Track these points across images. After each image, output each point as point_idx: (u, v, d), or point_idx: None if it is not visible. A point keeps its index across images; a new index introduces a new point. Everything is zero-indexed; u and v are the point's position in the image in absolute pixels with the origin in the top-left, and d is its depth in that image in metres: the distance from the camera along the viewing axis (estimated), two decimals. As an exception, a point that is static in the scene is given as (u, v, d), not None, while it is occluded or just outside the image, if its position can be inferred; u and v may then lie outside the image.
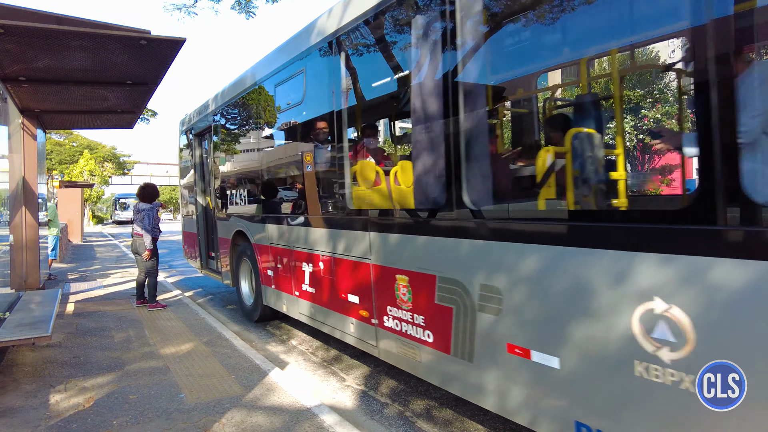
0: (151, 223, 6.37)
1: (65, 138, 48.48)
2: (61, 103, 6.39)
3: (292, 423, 3.04)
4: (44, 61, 4.43)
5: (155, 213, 6.47)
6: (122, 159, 53.60)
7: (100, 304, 6.82)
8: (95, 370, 4.07)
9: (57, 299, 5.12)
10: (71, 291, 7.82)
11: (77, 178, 41.74)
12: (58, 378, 3.88)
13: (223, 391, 3.56)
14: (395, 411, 3.41)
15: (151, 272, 6.46)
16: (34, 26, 3.44)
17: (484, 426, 3.15)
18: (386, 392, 3.75)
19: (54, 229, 9.74)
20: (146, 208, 6.39)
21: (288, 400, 3.40)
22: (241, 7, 9.60)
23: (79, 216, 20.73)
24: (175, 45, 4.03)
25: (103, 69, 4.81)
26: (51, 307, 4.67)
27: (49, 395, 3.53)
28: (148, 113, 23.59)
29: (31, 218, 6.30)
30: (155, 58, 4.44)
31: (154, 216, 6.43)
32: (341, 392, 3.78)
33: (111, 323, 5.67)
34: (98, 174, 46.82)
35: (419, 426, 3.18)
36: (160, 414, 3.19)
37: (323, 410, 3.21)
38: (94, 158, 47.70)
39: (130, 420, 3.10)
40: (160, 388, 3.65)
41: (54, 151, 45.94)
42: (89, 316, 6.06)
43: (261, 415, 3.17)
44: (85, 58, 4.41)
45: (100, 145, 51.05)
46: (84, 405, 3.35)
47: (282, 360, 4.58)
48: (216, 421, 3.08)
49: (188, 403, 3.37)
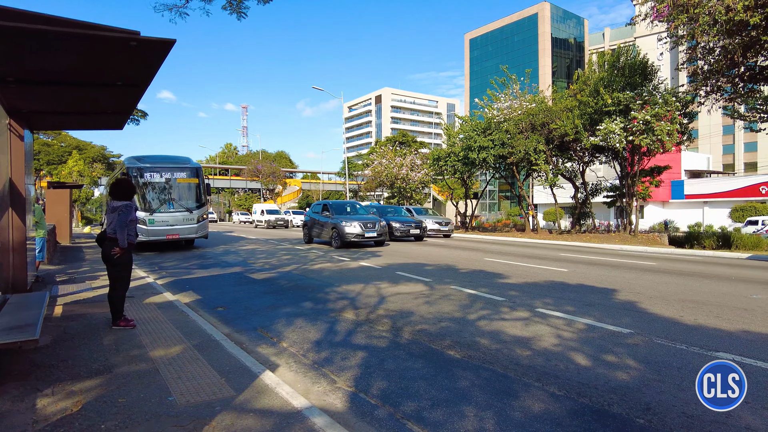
0: (124, 223, 5.37)
1: (53, 138, 47.95)
2: (50, 104, 6.33)
3: (282, 425, 3.04)
4: (32, 62, 4.39)
5: (132, 212, 5.48)
6: (112, 160, 53.05)
7: (88, 306, 6.75)
8: (83, 373, 4.04)
9: (44, 302, 5.07)
10: (59, 293, 7.74)
11: (66, 178, 41.32)
12: (45, 382, 3.84)
13: (213, 394, 3.55)
14: (386, 413, 3.42)
15: (119, 283, 5.50)
16: (22, 27, 3.41)
17: (475, 427, 3.17)
18: (377, 394, 3.75)
19: (40, 230, 9.64)
20: (121, 206, 5.41)
21: (278, 402, 3.39)
22: (233, 6, 9.55)
23: (68, 217, 20.49)
24: (165, 46, 4.01)
25: (92, 70, 4.78)
26: (38, 309, 4.62)
27: (36, 399, 3.49)
28: (138, 114, 23.39)
29: (18, 220, 6.23)
30: (145, 59, 4.42)
31: (130, 216, 5.44)
32: (332, 394, 3.78)
33: (100, 326, 5.62)
34: (87, 175, 46.39)
35: (410, 427, 3.18)
36: (149, 417, 3.17)
37: (314, 412, 3.21)
38: (83, 159, 47.25)
39: (119, 424, 3.08)
40: (149, 391, 3.63)
41: (42, 151, 45.48)
42: (77, 318, 6.00)
43: (251, 417, 3.16)
44: (74, 59, 4.38)
45: (89, 146, 50.59)
46: (72, 409, 3.32)
47: (273, 362, 4.56)
48: (206, 424, 3.07)
49: (178, 406, 3.35)
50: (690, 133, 21.22)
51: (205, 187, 16.67)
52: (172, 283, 9.30)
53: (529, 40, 77.97)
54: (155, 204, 15.42)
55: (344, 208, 18.42)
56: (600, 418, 3.26)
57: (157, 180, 15.63)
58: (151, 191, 15.57)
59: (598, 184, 25.30)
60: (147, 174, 15.55)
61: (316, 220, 18.40)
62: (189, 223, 15.93)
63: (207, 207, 17.04)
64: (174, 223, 15.60)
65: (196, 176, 16.48)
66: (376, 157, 43.98)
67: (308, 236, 19.08)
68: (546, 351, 4.74)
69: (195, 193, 16.41)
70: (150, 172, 15.61)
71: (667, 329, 5.50)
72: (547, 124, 22.50)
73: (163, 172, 15.80)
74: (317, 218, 18.36)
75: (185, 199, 16.10)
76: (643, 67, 20.24)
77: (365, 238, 16.40)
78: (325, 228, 17.49)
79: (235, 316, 6.50)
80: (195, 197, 16.37)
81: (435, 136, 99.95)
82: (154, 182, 15.57)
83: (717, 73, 15.66)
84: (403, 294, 7.83)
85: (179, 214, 15.72)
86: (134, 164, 15.63)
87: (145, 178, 15.51)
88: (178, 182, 16.00)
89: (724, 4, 12.76)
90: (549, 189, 25.05)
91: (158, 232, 15.34)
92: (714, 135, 60.70)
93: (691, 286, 8.50)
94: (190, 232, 16.09)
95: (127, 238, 5.37)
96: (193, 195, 16.35)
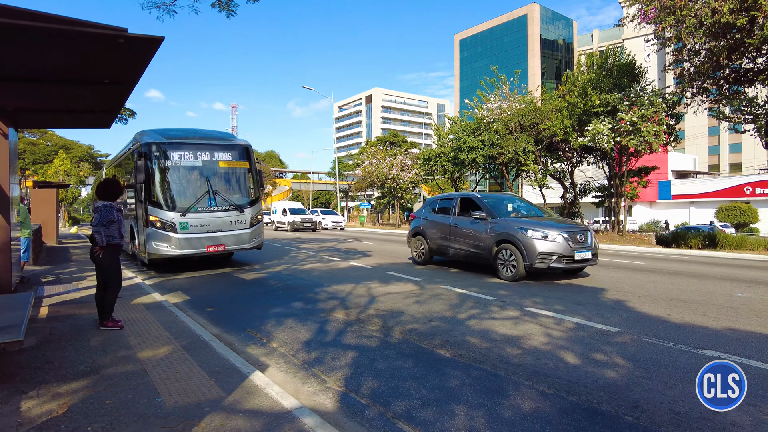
0: (100, 222, 5.26)
1: (39, 137, 47.30)
2: (36, 102, 6.24)
3: (272, 425, 3.02)
4: (17, 59, 4.31)
5: (112, 213, 5.38)
6: (99, 159, 52.46)
7: (75, 307, 6.66)
8: (70, 375, 3.98)
9: (30, 303, 4.99)
10: (45, 294, 7.62)
11: (52, 178, 40.78)
12: (30, 384, 3.78)
13: (202, 395, 3.52)
14: (376, 412, 3.41)
15: (110, 285, 5.45)
16: (6, 22, 3.35)
17: (466, 426, 3.17)
18: (367, 393, 3.75)
19: (25, 230, 9.49)
20: (101, 206, 5.36)
21: (268, 402, 3.37)
22: (222, 4, 9.48)
23: (54, 217, 20.22)
24: (153, 44, 3.96)
25: (78, 67, 4.71)
26: (23, 310, 4.55)
27: (20, 402, 3.43)
28: (126, 113, 23.16)
29: (2, 220, 6.13)
30: (133, 57, 4.37)
31: (109, 217, 5.32)
32: (322, 394, 3.77)
33: (87, 327, 5.54)
34: (74, 174, 45.83)
35: (400, 427, 3.18)
36: (137, 419, 3.13)
37: (304, 412, 3.20)
38: (70, 158, 46.68)
39: (106, 426, 3.04)
40: (137, 392, 3.59)
41: (27, 150, 44.83)
42: (64, 319, 5.92)
43: (241, 418, 3.14)
44: (60, 56, 4.31)
45: (76, 145, 50.01)
46: (57, 411, 3.27)
47: (262, 362, 4.54)
48: (195, 425, 3.04)
49: (166, 407, 3.31)
50: (677, 134, 21.48)
51: (257, 175, 11.45)
52: (160, 284, 9.21)
53: (518, 41, 78.42)
54: (187, 200, 10.23)
55: (504, 205, 10.69)
56: (589, 416, 3.28)
57: (190, 163, 10.41)
58: (179, 180, 10.37)
59: (586, 185, 25.51)
60: (173, 154, 10.26)
61: (448, 225, 10.85)
62: (239, 228, 10.72)
63: (261, 204, 11.82)
64: (217, 227, 10.40)
65: (246, 158, 11.27)
66: (366, 157, 43.94)
67: (425, 251, 11.60)
68: (536, 350, 4.77)
69: (245, 184, 11.21)
70: (178, 151, 10.34)
71: (655, 327, 5.56)
72: (536, 124, 22.63)
73: (199, 151, 10.58)
74: (448, 222, 10.87)
75: (232, 192, 10.93)
76: (631, 69, 20.45)
77: (576, 261, 8.94)
78: (476, 239, 9.97)
79: (227, 316, 6.45)
80: (246, 189, 11.18)
81: (425, 136, 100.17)
82: (184, 166, 10.35)
83: (703, 75, 15.88)
84: (394, 293, 7.83)
85: (225, 215, 10.56)
86: (154, 140, 10.26)
87: (171, 159, 10.25)
88: (220, 167, 10.81)
89: (710, 7, 12.95)
90: (538, 189, 25.21)
91: (195, 242, 10.12)
92: (700, 136, 61.55)
93: (678, 285, 8.61)
94: (240, 241, 10.77)
95: (109, 238, 5.36)
96: (242, 186, 11.14)
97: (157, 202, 10.02)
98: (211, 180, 10.56)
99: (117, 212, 5.48)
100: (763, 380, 3.93)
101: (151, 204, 10.00)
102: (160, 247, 9.92)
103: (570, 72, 23.57)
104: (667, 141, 20.33)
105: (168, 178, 10.26)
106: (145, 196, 10.03)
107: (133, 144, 11.17)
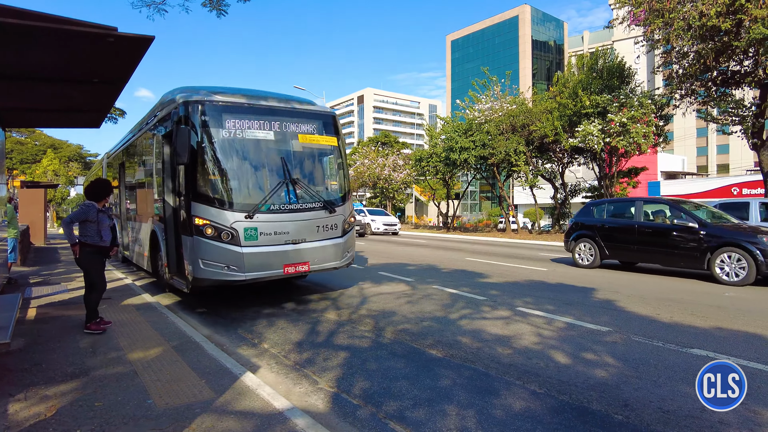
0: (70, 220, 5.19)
1: (27, 136, 46.73)
2: (24, 101, 6.17)
3: (263, 427, 3.01)
4: (4, 57, 4.26)
5: (90, 213, 5.20)
6: (89, 159, 51.92)
7: (64, 308, 6.59)
8: (58, 377, 3.94)
9: (17, 304, 4.94)
10: (33, 295, 7.53)
11: (40, 178, 40.30)
12: (17, 386, 3.73)
13: (193, 396, 3.50)
14: (368, 412, 3.42)
15: (92, 286, 5.35)
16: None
17: (457, 426, 3.19)
18: (359, 394, 3.75)
19: (12, 230, 9.37)
20: (82, 204, 5.27)
21: (259, 403, 3.36)
22: (213, 3, 9.44)
23: (42, 217, 19.99)
24: (143, 43, 3.94)
25: (68, 66, 4.67)
26: (10, 312, 4.49)
27: (8, 405, 3.39)
28: (116, 112, 22.93)
29: (-10, 220, 6.05)
30: (123, 56, 4.34)
31: (85, 215, 5.17)
32: (314, 395, 3.76)
33: (76, 328, 5.48)
34: (63, 174, 45.31)
35: (392, 427, 3.19)
36: (127, 421, 3.11)
37: (295, 413, 3.19)
38: (59, 158, 46.15)
39: (95, 428, 3.01)
40: (127, 394, 3.56)
41: (15, 149, 44.24)
42: (52, 321, 5.85)
43: (232, 419, 3.13)
44: (49, 54, 4.27)
45: (65, 144, 49.46)
46: (46, 414, 3.23)
47: (254, 363, 4.52)
48: (186, 426, 3.02)
49: (157, 408, 3.29)
50: (666, 135, 21.71)
51: (345, 157, 8.00)
52: (150, 285, 9.14)
53: (509, 42, 78.80)
54: (256, 193, 6.59)
55: None
56: (580, 415, 3.31)
57: (259, 135, 6.73)
58: (242, 163, 6.67)
59: (577, 185, 25.72)
60: (230, 122, 6.51)
61: None
62: (329, 236, 7.12)
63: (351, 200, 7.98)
64: (299, 236, 6.73)
65: (335, 132, 7.63)
66: (358, 157, 43.95)
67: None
68: (527, 349, 4.80)
69: (335, 170, 7.73)
70: (239, 118, 6.60)
71: (645, 327, 5.62)
72: (527, 125, 22.77)
73: (269, 118, 6.88)
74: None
75: (317, 182, 7.39)
76: (621, 70, 20.65)
77: None
78: None
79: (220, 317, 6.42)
80: (337, 179, 7.73)
81: (417, 136, 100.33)
82: (250, 140, 6.64)
83: (691, 77, 16.09)
84: (386, 294, 7.84)
85: (309, 217, 6.89)
86: (204, 98, 6.45)
87: (227, 129, 6.48)
88: (300, 143, 7.17)
89: (697, 10, 13.12)
90: (529, 190, 25.37)
91: (267, 260, 6.44)
92: (689, 137, 62.22)
93: (667, 285, 8.70)
94: (331, 257, 7.18)
95: (84, 238, 5.24)
96: (331, 173, 7.72)
97: (206, 196, 6.24)
98: (289, 164, 6.90)
99: (98, 213, 5.30)
100: (750, 378, 3.98)
101: (196, 198, 6.23)
102: (213, 268, 6.17)
103: (561, 73, 23.77)
104: (656, 142, 20.55)
105: (225, 158, 6.47)
106: (186, 185, 6.34)
107: (162, 108, 7.50)
